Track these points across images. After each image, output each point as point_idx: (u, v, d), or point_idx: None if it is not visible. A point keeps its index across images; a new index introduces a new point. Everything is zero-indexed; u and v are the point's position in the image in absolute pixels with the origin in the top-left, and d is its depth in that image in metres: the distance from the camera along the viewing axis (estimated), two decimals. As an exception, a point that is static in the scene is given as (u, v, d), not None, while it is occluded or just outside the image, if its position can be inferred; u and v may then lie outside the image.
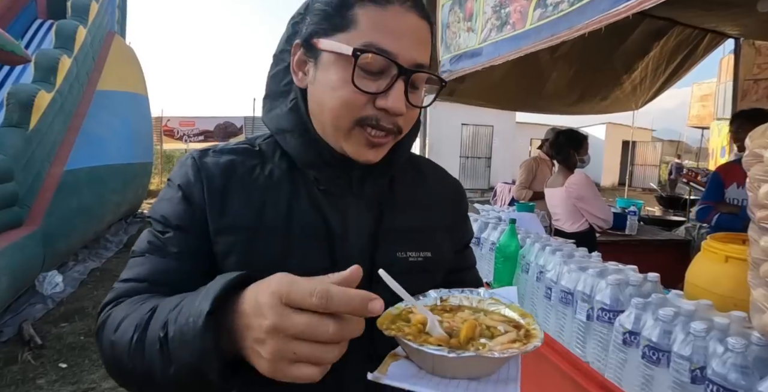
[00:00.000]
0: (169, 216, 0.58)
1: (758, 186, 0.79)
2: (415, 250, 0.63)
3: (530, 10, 1.38)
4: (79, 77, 4.98)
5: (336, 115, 0.55)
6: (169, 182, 0.61)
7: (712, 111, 8.27)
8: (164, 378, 0.44)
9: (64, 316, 3.50)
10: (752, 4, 2.31)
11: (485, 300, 0.57)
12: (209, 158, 0.61)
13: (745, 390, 0.78)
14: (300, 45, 0.58)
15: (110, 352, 0.49)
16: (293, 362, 0.36)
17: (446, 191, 0.74)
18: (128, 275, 0.57)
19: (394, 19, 0.54)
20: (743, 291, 0.92)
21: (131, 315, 0.49)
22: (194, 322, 0.40)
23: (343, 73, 0.53)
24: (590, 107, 4.22)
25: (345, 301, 0.36)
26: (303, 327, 0.35)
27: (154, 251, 0.57)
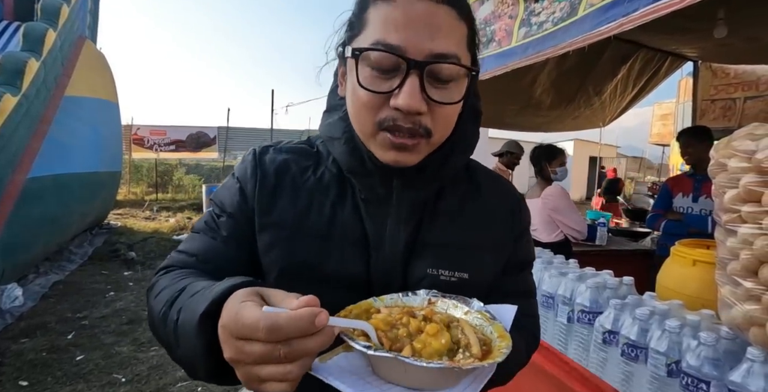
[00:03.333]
0: (225, 203, 0.62)
1: (723, 192, 0.86)
2: (450, 269, 0.59)
3: (515, 28, 1.46)
4: (47, 82, 4.82)
5: (358, 120, 0.55)
6: (232, 173, 0.65)
7: (672, 129, 8.73)
8: (178, 355, 0.47)
9: (25, 332, 3.31)
10: (709, 30, 2.50)
11: (472, 313, 0.52)
12: (268, 155, 0.63)
13: (717, 380, 0.84)
14: (338, 56, 0.60)
15: (150, 313, 0.54)
16: (262, 381, 0.38)
17: (502, 206, 0.67)
18: (183, 247, 0.62)
19: (402, 10, 0.50)
20: (710, 292, 0.99)
21: (170, 286, 0.52)
22: (190, 319, 0.43)
23: (363, 74, 0.52)
24: (563, 125, 4.42)
25: (293, 328, 0.36)
26: (256, 357, 0.37)
27: (208, 231, 0.61)
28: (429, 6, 0.50)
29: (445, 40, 0.51)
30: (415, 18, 0.50)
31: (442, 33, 0.51)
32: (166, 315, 0.48)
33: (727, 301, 0.87)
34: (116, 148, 7.49)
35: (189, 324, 0.43)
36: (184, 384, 2.63)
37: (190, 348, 0.43)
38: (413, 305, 0.52)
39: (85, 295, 4.23)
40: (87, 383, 2.63)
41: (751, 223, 0.78)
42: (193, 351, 0.42)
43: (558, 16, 1.25)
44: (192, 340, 0.42)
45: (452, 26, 0.52)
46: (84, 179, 5.51)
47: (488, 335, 0.48)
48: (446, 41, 0.51)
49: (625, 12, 1.00)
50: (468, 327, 0.47)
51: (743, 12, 2.35)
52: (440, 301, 0.53)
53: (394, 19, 0.50)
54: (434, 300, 0.53)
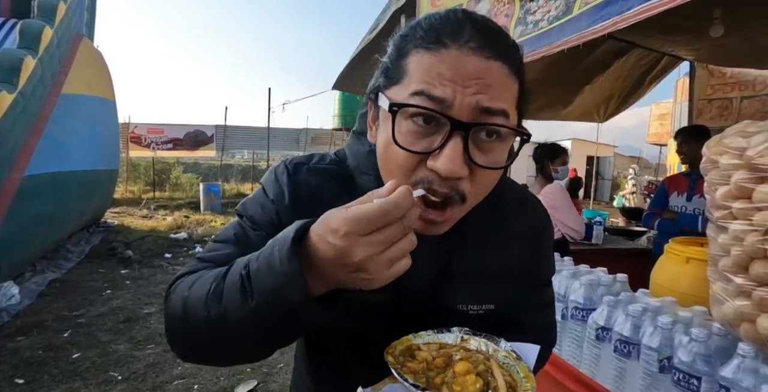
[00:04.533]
0: (258, 219, 0.60)
1: (715, 189, 0.87)
2: (477, 303, 0.61)
3: (511, 27, 1.46)
4: (44, 79, 4.80)
5: (389, 178, 0.51)
6: (264, 189, 0.62)
7: (669, 129, 8.77)
8: (242, 316, 0.44)
9: (21, 330, 3.31)
10: (704, 30, 2.51)
11: (500, 352, 0.56)
12: (302, 176, 0.61)
13: (708, 375, 0.85)
14: (370, 100, 0.56)
15: (181, 307, 0.50)
16: (391, 265, 0.40)
17: (526, 228, 0.67)
18: (207, 256, 0.59)
19: (450, 63, 0.46)
20: (703, 289, 1.00)
21: (206, 275, 0.50)
22: (280, 249, 0.42)
23: (402, 129, 0.48)
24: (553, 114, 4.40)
25: (407, 202, 0.39)
26: (384, 238, 0.39)
27: (236, 242, 0.58)
28: (480, 61, 0.46)
29: (496, 98, 0.47)
30: (464, 73, 0.46)
31: (491, 90, 0.46)
32: (220, 287, 0.46)
33: (718, 297, 0.87)
34: (113, 146, 7.48)
35: (274, 257, 0.42)
36: (181, 382, 2.64)
37: (276, 281, 0.41)
38: (447, 342, 0.57)
39: (81, 293, 4.22)
40: (83, 381, 2.63)
41: (742, 219, 0.79)
42: (283, 279, 0.41)
43: (553, 15, 1.25)
44: (283, 267, 0.41)
45: (503, 84, 0.48)
46: (81, 177, 5.50)
47: (514, 375, 0.53)
48: (497, 98, 0.47)
49: (619, 10, 1.00)
50: (497, 370, 0.52)
51: (739, 12, 2.36)
52: (472, 339, 0.57)
53: (440, 72, 0.46)
54: (466, 337, 0.57)
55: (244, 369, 2.80)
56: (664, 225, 2.56)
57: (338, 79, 4.26)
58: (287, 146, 16.00)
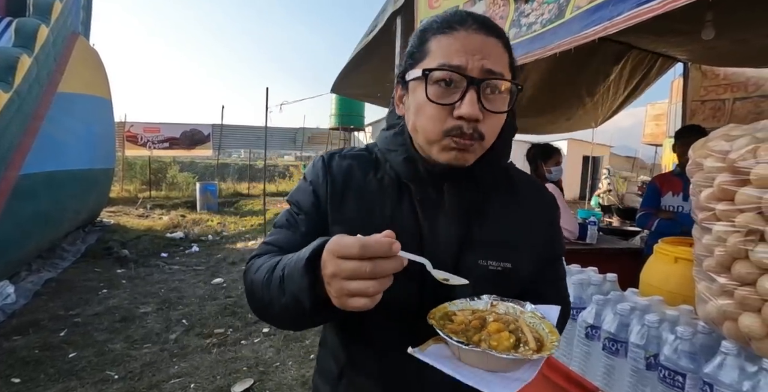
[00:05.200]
0: (301, 203, 0.73)
1: (700, 191, 0.89)
2: (496, 260, 0.69)
3: (506, 29, 1.48)
4: (39, 78, 4.79)
5: (425, 130, 0.64)
6: (304, 177, 0.76)
7: (664, 130, 8.82)
8: (279, 306, 0.59)
9: (17, 329, 3.31)
10: (697, 32, 2.54)
11: (526, 313, 0.64)
12: (335, 161, 0.75)
13: (693, 372, 0.87)
14: (398, 82, 0.71)
15: (250, 286, 0.66)
16: (350, 296, 0.49)
17: (539, 210, 0.78)
18: (270, 239, 0.73)
19: (462, 40, 0.63)
20: (690, 288, 1.02)
21: (267, 263, 0.64)
22: (297, 264, 0.55)
23: (422, 93, 0.62)
24: (556, 127, 4.46)
25: (377, 248, 0.48)
26: (350, 271, 0.48)
27: (289, 227, 0.73)
28: (482, 37, 0.63)
29: (497, 62, 0.63)
30: (472, 46, 0.62)
31: (493, 56, 0.63)
32: (269, 279, 0.60)
33: (703, 296, 0.90)
34: (109, 145, 7.46)
35: (296, 271, 0.55)
36: (177, 381, 2.65)
37: (296, 287, 0.54)
38: (479, 307, 0.64)
39: (77, 293, 4.22)
40: (80, 380, 2.64)
41: (725, 221, 0.81)
42: (299, 288, 0.54)
43: (546, 18, 1.27)
44: (297, 279, 0.54)
45: (500, 54, 0.64)
46: (77, 176, 5.49)
47: (540, 331, 0.61)
48: (497, 62, 0.63)
49: (609, 16, 1.02)
50: (525, 327, 0.60)
51: (731, 15, 2.38)
52: (500, 304, 0.65)
53: (456, 47, 0.62)
54: (495, 303, 0.65)
55: (240, 368, 2.82)
56: (664, 226, 2.49)
57: (336, 82, 4.26)
58: (284, 146, 16.00)
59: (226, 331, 3.42)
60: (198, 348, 3.12)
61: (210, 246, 6.63)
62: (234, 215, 9.82)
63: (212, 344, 3.19)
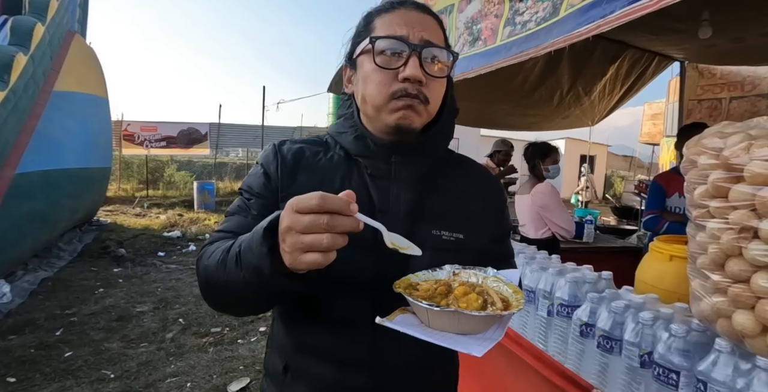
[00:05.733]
0: (252, 186, 0.75)
1: (694, 188, 0.89)
2: (449, 230, 0.73)
3: (500, 27, 1.48)
4: (35, 77, 4.76)
5: (373, 95, 0.69)
6: (256, 163, 0.79)
7: (661, 129, 8.83)
8: (237, 284, 0.59)
9: (12, 328, 3.29)
10: (693, 31, 2.54)
11: (489, 278, 0.67)
12: (286, 145, 0.78)
13: (686, 370, 0.87)
14: (346, 65, 0.76)
15: (204, 273, 0.66)
16: (304, 252, 0.50)
17: (484, 187, 0.84)
18: (221, 228, 0.74)
19: (402, 16, 0.71)
20: (685, 286, 1.02)
21: (221, 247, 0.65)
22: (256, 235, 0.55)
23: (370, 64, 0.69)
24: (553, 125, 4.46)
25: (336, 203, 0.49)
26: (306, 223, 0.49)
27: (240, 212, 0.74)
28: (419, 13, 0.72)
29: (433, 34, 0.71)
30: (411, 20, 0.70)
31: (429, 29, 0.70)
32: (225, 258, 0.61)
33: (697, 294, 0.89)
34: (106, 144, 7.43)
35: (254, 241, 0.55)
36: (174, 380, 2.64)
37: (255, 257, 0.55)
38: (441, 277, 0.66)
39: (74, 292, 4.20)
40: (76, 379, 2.63)
41: (719, 218, 0.81)
42: (258, 256, 0.54)
43: (541, 16, 1.27)
44: (256, 249, 0.54)
45: (436, 28, 0.73)
46: (73, 175, 5.47)
47: (504, 293, 0.63)
48: (434, 35, 0.71)
49: (602, 13, 1.02)
50: (490, 290, 0.63)
51: (728, 13, 2.39)
52: (463, 272, 0.67)
53: (397, 21, 0.70)
54: (457, 272, 0.67)
55: (236, 367, 2.81)
56: (674, 228, 2.36)
57: (332, 82, 4.26)
58: (282, 145, 15.92)
59: (222, 330, 3.42)
60: (194, 347, 3.11)
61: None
62: (231, 214, 9.78)
63: (209, 343, 3.18)
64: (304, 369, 0.73)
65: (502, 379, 1.37)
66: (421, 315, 0.59)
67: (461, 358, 0.83)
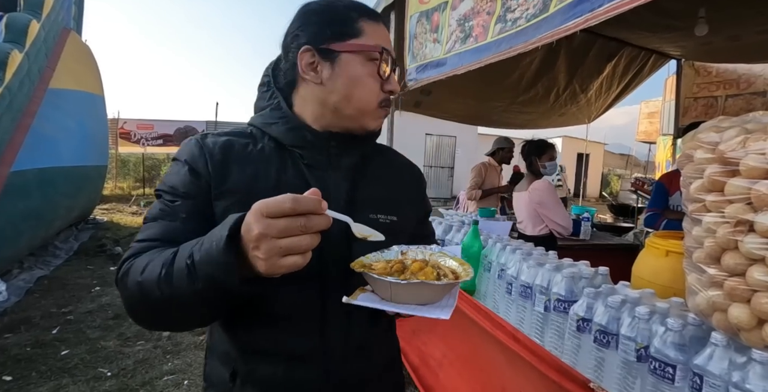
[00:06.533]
0: (177, 186, 0.69)
1: (690, 183, 0.89)
2: (384, 214, 0.77)
3: (492, 24, 1.48)
4: (31, 74, 4.73)
5: (363, 101, 0.72)
6: (175, 160, 0.72)
7: (658, 127, 8.87)
8: (188, 296, 0.55)
9: (9, 327, 3.28)
10: (690, 29, 2.55)
11: (435, 253, 0.73)
12: (209, 139, 0.73)
13: (682, 364, 0.87)
14: (310, 50, 0.71)
15: (137, 290, 0.59)
16: (282, 256, 0.49)
17: (408, 172, 0.90)
18: (143, 236, 0.67)
19: (382, 29, 0.74)
20: (681, 281, 1.02)
21: (155, 260, 0.59)
22: (217, 244, 0.51)
23: (367, 68, 0.71)
24: (549, 122, 4.48)
25: (309, 203, 0.49)
26: (282, 227, 0.48)
27: (165, 217, 0.67)
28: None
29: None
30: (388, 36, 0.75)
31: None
32: (170, 272, 0.56)
33: (693, 288, 0.90)
34: (102, 142, 7.39)
35: (213, 251, 0.51)
36: (171, 378, 2.64)
37: (217, 268, 0.51)
38: (391, 257, 0.70)
39: (70, 290, 4.19)
40: (72, 377, 2.62)
41: (715, 212, 0.81)
42: (221, 266, 0.51)
43: (531, 13, 1.27)
44: (220, 259, 0.50)
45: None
46: (69, 173, 5.44)
47: (451, 266, 0.69)
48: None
49: (591, 8, 1.02)
50: (439, 264, 0.70)
51: (724, 11, 2.40)
52: (410, 251, 0.73)
53: (382, 35, 0.73)
54: (405, 251, 0.72)
55: (234, 365, 2.81)
56: (672, 226, 2.40)
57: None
58: (279, 143, 15.89)
59: (220, 328, 3.41)
60: (191, 345, 3.10)
61: (204, 244, 6.60)
62: (229, 212, 9.77)
63: (205, 341, 3.18)
64: (253, 372, 0.71)
65: (500, 375, 1.37)
66: (383, 291, 0.63)
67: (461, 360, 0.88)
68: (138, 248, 0.65)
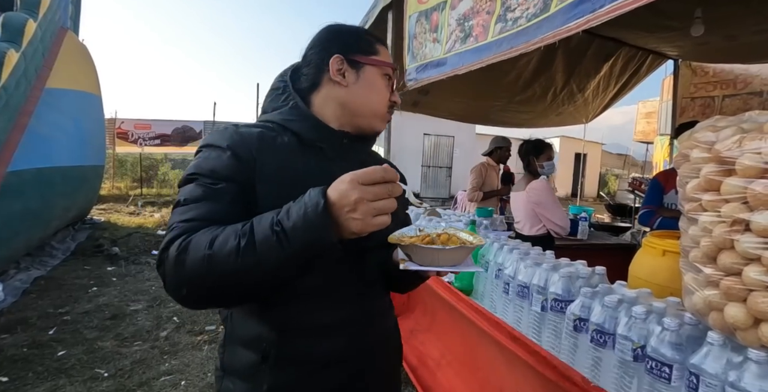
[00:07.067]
0: (218, 170, 0.73)
1: (686, 182, 0.89)
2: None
3: (492, 24, 1.47)
4: (27, 74, 4.71)
5: (377, 105, 0.87)
6: (211, 146, 0.77)
7: (655, 127, 8.89)
8: (275, 260, 0.61)
9: (5, 327, 3.26)
10: (687, 29, 2.55)
11: (447, 229, 0.84)
12: (243, 129, 0.80)
13: (679, 363, 0.88)
14: (341, 58, 0.84)
15: (205, 264, 0.62)
16: (374, 216, 0.60)
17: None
18: (188, 216, 0.69)
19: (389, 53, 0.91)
20: (678, 281, 1.03)
21: (221, 234, 0.64)
22: (314, 210, 0.60)
23: (384, 81, 0.88)
24: (547, 121, 4.48)
25: (391, 173, 0.62)
26: (376, 192, 0.60)
27: (208, 198, 0.71)
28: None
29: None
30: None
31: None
32: (251, 241, 0.61)
33: (689, 288, 0.90)
34: (99, 142, 7.37)
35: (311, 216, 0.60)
36: (168, 378, 2.63)
37: (317, 232, 0.60)
38: (411, 234, 0.81)
39: (67, 290, 4.17)
40: (69, 378, 2.61)
41: (711, 211, 0.82)
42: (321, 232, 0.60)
43: (531, 13, 1.26)
44: (319, 222, 0.59)
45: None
46: (66, 173, 5.42)
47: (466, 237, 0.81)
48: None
49: (592, 8, 1.02)
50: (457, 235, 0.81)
51: (720, 11, 2.40)
52: (426, 228, 0.83)
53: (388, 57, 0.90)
54: (422, 228, 0.83)
55: (231, 365, 2.80)
56: (666, 224, 2.40)
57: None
58: (277, 143, 15.86)
59: (217, 328, 3.40)
60: (189, 346, 3.10)
61: (202, 244, 6.58)
62: (226, 212, 9.75)
63: (203, 341, 3.17)
64: (288, 349, 0.76)
65: (498, 374, 1.37)
66: (426, 258, 0.74)
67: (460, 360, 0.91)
68: (187, 228, 0.67)
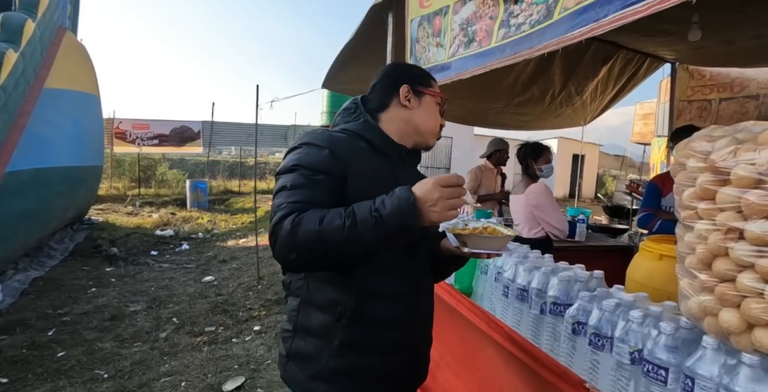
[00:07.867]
0: (317, 164, 0.91)
1: (683, 190, 0.91)
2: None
3: (495, 29, 1.49)
4: (26, 74, 4.71)
5: (433, 126, 1.09)
6: (311, 144, 0.94)
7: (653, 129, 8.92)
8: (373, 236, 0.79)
9: (4, 328, 3.27)
10: (684, 33, 2.57)
11: (489, 224, 1.06)
12: (335, 133, 1.00)
13: (675, 366, 0.89)
14: (408, 87, 1.06)
15: (315, 236, 0.79)
16: (448, 210, 0.79)
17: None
18: (294, 198, 0.86)
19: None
20: (674, 285, 1.04)
21: (328, 214, 0.81)
22: (407, 202, 0.79)
23: (437, 108, 1.11)
24: (545, 123, 4.50)
25: (461, 179, 0.82)
26: (451, 192, 0.79)
27: (309, 186, 0.88)
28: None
29: None
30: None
31: None
32: (354, 221, 0.78)
33: (685, 293, 0.92)
34: (98, 142, 7.37)
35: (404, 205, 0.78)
36: (168, 380, 2.64)
37: (408, 217, 0.78)
38: (459, 226, 1.06)
39: (65, 291, 4.18)
40: (68, 379, 2.61)
41: (706, 219, 0.83)
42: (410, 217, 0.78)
43: (535, 19, 1.28)
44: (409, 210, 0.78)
45: None
46: (64, 173, 5.42)
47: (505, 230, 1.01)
48: None
49: (596, 17, 1.04)
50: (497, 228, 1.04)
51: (717, 16, 2.42)
52: (470, 223, 1.07)
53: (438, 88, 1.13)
54: (467, 222, 1.07)
55: (231, 366, 2.81)
56: (666, 227, 2.38)
57: (326, 78, 4.26)
58: (275, 143, 15.88)
59: (216, 329, 3.41)
60: (188, 347, 3.10)
61: (200, 244, 6.59)
62: (225, 212, 9.76)
63: (203, 342, 3.18)
64: (363, 310, 0.94)
65: (497, 376, 1.39)
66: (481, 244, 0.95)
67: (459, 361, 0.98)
68: (295, 207, 0.84)
